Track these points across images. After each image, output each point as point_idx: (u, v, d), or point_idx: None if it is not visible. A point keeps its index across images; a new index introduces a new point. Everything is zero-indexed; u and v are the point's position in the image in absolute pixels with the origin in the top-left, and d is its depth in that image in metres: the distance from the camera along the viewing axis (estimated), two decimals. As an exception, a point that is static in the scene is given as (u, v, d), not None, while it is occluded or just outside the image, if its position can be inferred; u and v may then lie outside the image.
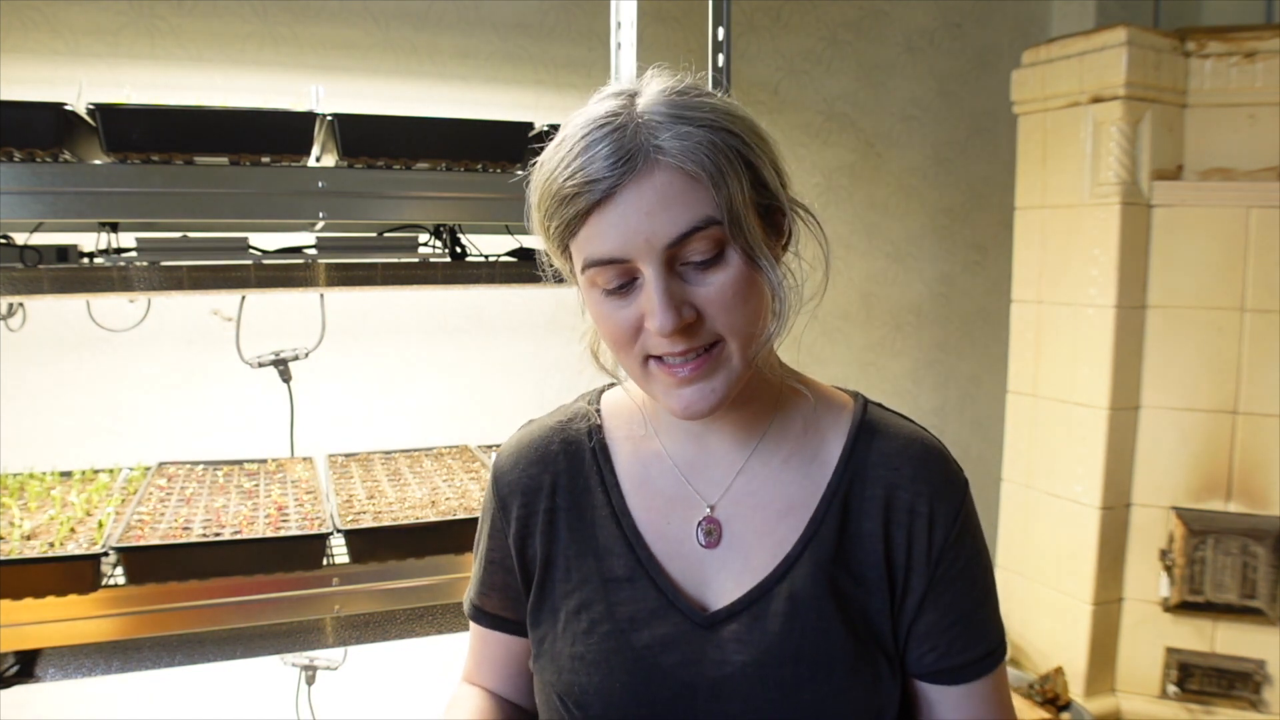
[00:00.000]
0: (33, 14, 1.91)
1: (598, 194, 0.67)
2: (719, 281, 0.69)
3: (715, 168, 0.67)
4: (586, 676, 0.77)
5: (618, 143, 0.67)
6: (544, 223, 0.73)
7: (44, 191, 1.31)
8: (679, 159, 0.67)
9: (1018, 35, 2.91)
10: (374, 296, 2.18)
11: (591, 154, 0.67)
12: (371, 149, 1.49)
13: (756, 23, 2.59)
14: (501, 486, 0.86)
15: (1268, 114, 2.35)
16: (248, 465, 1.82)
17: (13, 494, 1.58)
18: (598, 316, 0.74)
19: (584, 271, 0.71)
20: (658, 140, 0.67)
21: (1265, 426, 2.37)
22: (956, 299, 2.96)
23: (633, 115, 0.69)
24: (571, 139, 0.70)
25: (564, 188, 0.69)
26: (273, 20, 2.08)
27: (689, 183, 0.67)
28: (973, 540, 0.80)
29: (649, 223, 0.67)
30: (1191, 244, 2.40)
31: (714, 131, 0.68)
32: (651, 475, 0.83)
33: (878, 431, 0.81)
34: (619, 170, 0.67)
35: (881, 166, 2.81)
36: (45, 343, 1.93)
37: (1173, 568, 2.43)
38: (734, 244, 0.69)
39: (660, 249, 0.68)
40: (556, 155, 0.70)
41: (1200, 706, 2.43)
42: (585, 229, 0.69)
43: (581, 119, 0.70)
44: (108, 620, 1.31)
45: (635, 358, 0.73)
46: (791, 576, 0.77)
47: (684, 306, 0.69)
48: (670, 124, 0.68)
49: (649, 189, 0.67)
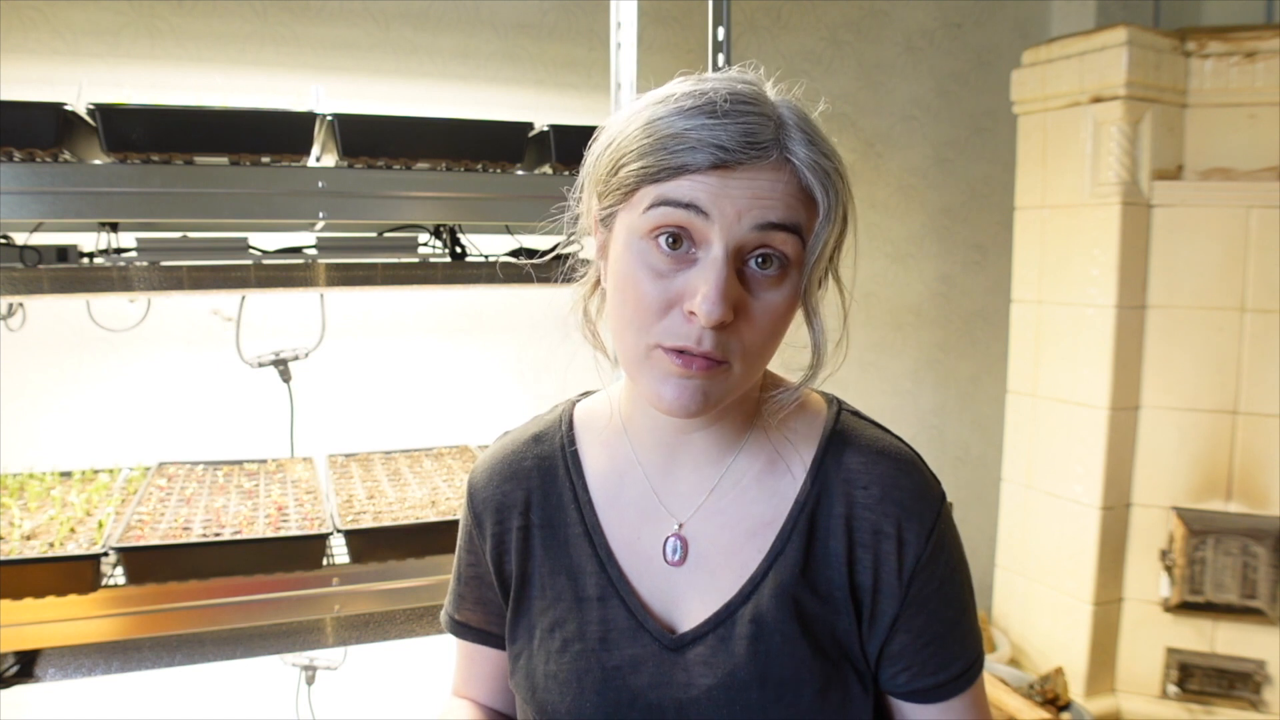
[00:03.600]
0: (33, 14, 1.90)
1: (716, 160, 0.64)
2: (769, 300, 0.68)
3: (832, 201, 0.68)
4: (559, 695, 0.77)
5: (757, 126, 0.66)
6: (622, 160, 0.69)
7: (44, 191, 1.31)
8: (808, 171, 0.67)
9: (1018, 35, 2.91)
10: (374, 296, 2.18)
11: (725, 122, 0.65)
12: (371, 149, 1.49)
13: (756, 23, 2.59)
14: (476, 504, 0.85)
15: (1268, 114, 2.35)
16: (248, 465, 1.82)
17: (13, 494, 1.58)
18: (628, 279, 0.69)
19: (650, 210, 0.67)
20: (793, 145, 0.67)
21: (1265, 426, 2.37)
22: (956, 299, 2.96)
23: (775, 111, 0.68)
24: (696, 97, 0.67)
25: (683, 137, 0.65)
26: (273, 20, 2.08)
27: (800, 194, 0.67)
28: (948, 558, 0.76)
29: (749, 202, 0.65)
30: (1191, 244, 2.40)
31: (840, 172, 0.69)
32: (625, 486, 0.81)
33: (848, 444, 0.78)
34: (751, 151, 0.65)
35: (881, 166, 2.81)
36: (45, 343, 1.93)
37: (1173, 568, 2.43)
38: (796, 274, 0.68)
39: (746, 229, 0.65)
40: (674, 104, 0.67)
41: (1200, 706, 2.43)
42: (681, 180, 0.66)
43: (709, 85, 0.68)
44: (108, 620, 1.31)
45: (644, 340, 0.68)
46: (756, 598, 0.75)
47: (733, 307, 0.66)
48: (807, 139, 0.67)
49: (765, 179, 0.66)
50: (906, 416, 2.90)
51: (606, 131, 0.73)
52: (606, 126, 0.73)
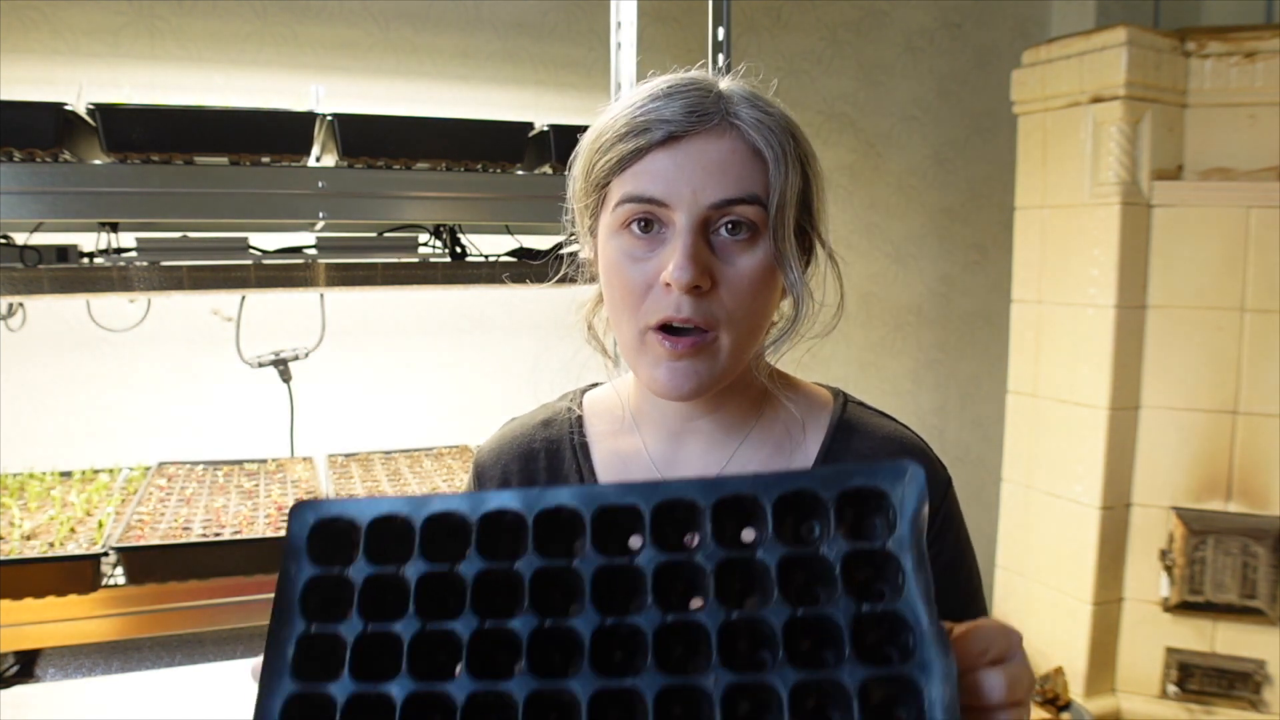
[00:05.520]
0: (33, 14, 1.91)
1: (664, 133, 0.69)
2: (742, 264, 0.70)
3: (780, 152, 0.70)
4: None
5: (698, 99, 0.70)
6: (593, 159, 0.73)
7: (44, 191, 1.31)
8: (751, 130, 0.70)
9: (1018, 35, 2.91)
10: (374, 296, 2.18)
11: (669, 101, 0.70)
12: (371, 149, 1.49)
13: (756, 23, 2.59)
14: (485, 481, 0.86)
15: (1268, 114, 2.35)
16: (248, 465, 1.82)
17: (13, 494, 1.58)
18: (613, 269, 0.72)
19: (617, 208, 0.71)
20: (735, 109, 0.70)
21: (1265, 426, 2.37)
22: (956, 299, 2.96)
23: (715, 86, 0.72)
24: (646, 90, 0.72)
25: (633, 123, 0.70)
26: (273, 20, 2.08)
27: (752, 156, 0.70)
28: (955, 538, 0.77)
29: (702, 177, 0.68)
30: (1191, 244, 2.40)
31: (788, 128, 0.72)
32: (631, 475, 0.82)
33: (855, 430, 0.79)
34: (693, 120, 0.69)
35: (881, 167, 2.81)
36: (45, 343, 1.93)
37: (1173, 568, 2.43)
38: (768, 236, 0.70)
39: (703, 205, 0.68)
40: (626, 101, 0.72)
41: (1200, 706, 2.43)
42: (638, 165, 0.70)
43: (659, 79, 0.73)
44: (108, 620, 1.31)
45: (635, 325, 0.71)
46: None
47: (704, 270, 0.68)
48: (750, 103, 0.71)
49: (714, 147, 0.69)
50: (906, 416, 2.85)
51: (581, 148, 0.77)
52: (581, 145, 0.77)
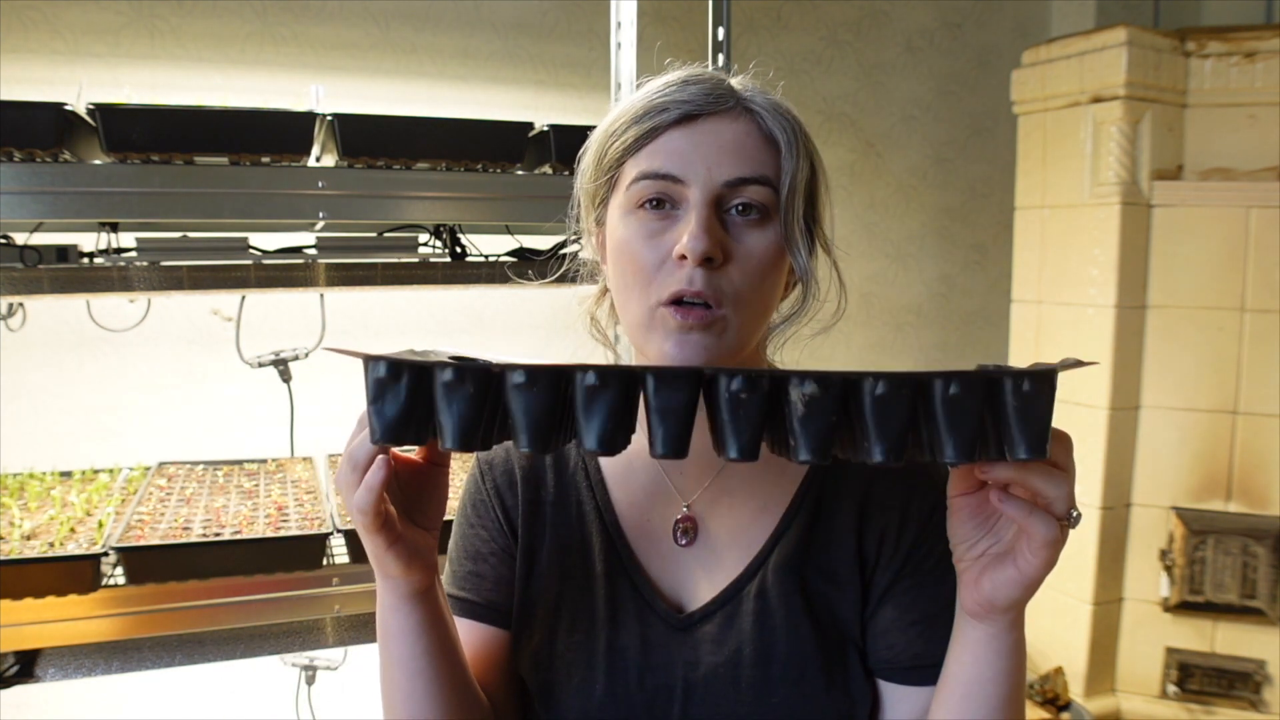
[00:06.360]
0: (33, 14, 1.91)
1: (680, 113, 0.71)
2: (753, 243, 0.71)
3: (792, 140, 0.73)
4: (565, 674, 0.77)
5: (713, 85, 0.73)
6: (606, 144, 0.75)
7: (44, 191, 1.31)
8: (766, 116, 0.73)
9: (1018, 35, 2.91)
10: (374, 296, 2.18)
11: (684, 86, 0.72)
12: (371, 149, 1.49)
13: (756, 23, 2.59)
14: (489, 474, 0.85)
15: (1268, 114, 2.35)
16: (248, 465, 1.82)
17: (13, 494, 1.58)
18: (624, 248, 0.73)
19: (631, 186, 0.72)
20: (750, 96, 0.74)
21: (1265, 426, 2.37)
22: (956, 299, 2.96)
23: (727, 79, 0.75)
24: (660, 80, 0.74)
25: (650, 104, 0.72)
26: (273, 20, 2.08)
27: (764, 141, 0.72)
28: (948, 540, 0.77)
29: (717, 154, 0.71)
30: (1191, 244, 2.40)
31: (798, 123, 0.75)
32: (634, 468, 0.82)
33: None
34: (709, 102, 0.72)
35: (881, 167, 2.81)
36: (45, 343, 1.93)
37: (1173, 568, 2.43)
38: (778, 219, 0.72)
39: (717, 182, 0.70)
40: (640, 92, 0.75)
41: (1200, 706, 2.43)
42: (654, 144, 0.72)
43: (672, 73, 0.75)
44: (108, 620, 1.31)
45: (646, 301, 0.71)
46: (761, 575, 0.76)
47: (717, 242, 0.69)
48: (762, 95, 0.75)
49: (728, 128, 0.72)
50: (906, 416, 2.89)
51: (592, 139, 0.78)
52: (592, 137, 0.78)
